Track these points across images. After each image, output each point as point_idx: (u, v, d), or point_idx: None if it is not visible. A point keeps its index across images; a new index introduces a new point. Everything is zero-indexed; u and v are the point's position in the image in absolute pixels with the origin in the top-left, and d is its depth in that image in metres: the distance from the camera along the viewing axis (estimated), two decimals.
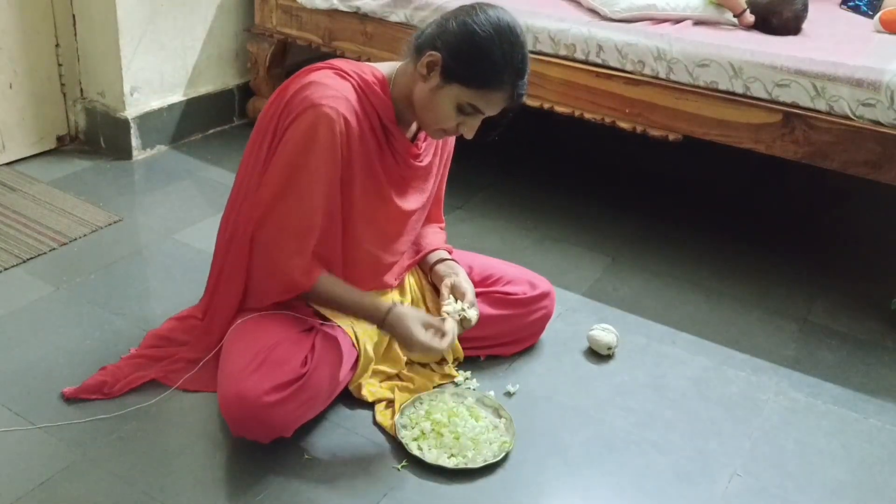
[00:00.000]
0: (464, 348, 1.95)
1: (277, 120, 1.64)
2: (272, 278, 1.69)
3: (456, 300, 1.78)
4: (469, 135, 1.65)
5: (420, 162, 1.78)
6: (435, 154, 1.83)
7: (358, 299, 1.71)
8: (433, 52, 1.57)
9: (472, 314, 1.76)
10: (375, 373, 1.85)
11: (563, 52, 2.50)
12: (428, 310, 1.92)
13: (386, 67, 1.71)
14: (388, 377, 1.88)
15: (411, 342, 1.67)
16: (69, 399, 1.75)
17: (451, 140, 1.89)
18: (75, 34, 2.87)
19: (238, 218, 1.74)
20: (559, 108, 2.55)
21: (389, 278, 1.86)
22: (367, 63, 1.72)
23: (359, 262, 1.76)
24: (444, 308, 1.76)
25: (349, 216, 1.70)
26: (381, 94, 1.66)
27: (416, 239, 1.95)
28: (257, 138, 1.71)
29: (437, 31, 1.59)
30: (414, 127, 1.76)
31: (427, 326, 1.68)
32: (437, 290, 1.88)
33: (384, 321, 1.68)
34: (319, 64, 1.69)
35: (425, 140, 1.79)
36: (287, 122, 1.61)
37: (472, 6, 1.59)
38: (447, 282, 1.83)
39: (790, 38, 2.52)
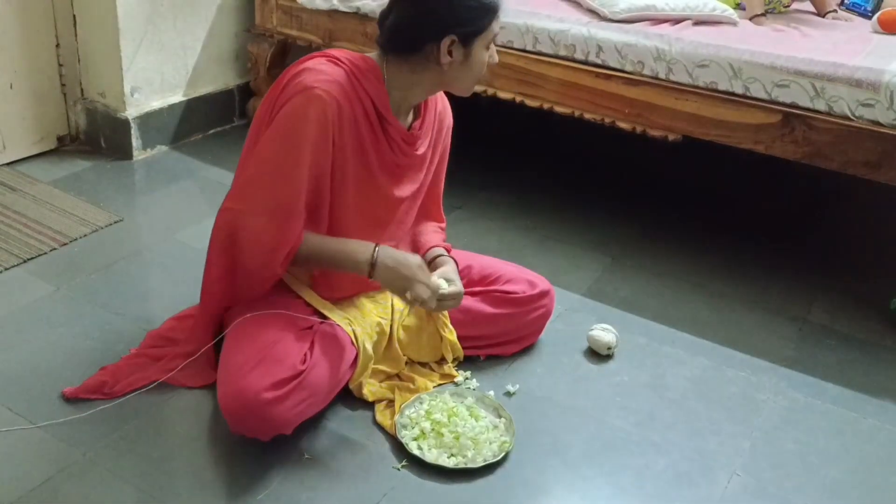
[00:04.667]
0: (464, 348, 1.95)
1: (271, 108, 1.66)
2: (253, 258, 1.69)
3: None
4: (496, 58, 1.74)
5: (416, 150, 1.79)
6: (430, 145, 1.84)
7: (341, 244, 1.72)
8: (446, 38, 1.62)
9: (442, 284, 1.76)
10: (375, 372, 1.85)
11: (563, 53, 2.50)
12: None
13: (377, 55, 1.73)
14: (388, 377, 1.88)
15: (406, 263, 1.69)
16: (69, 399, 1.75)
17: (448, 131, 1.90)
18: (75, 34, 2.87)
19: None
20: (559, 109, 2.55)
21: None
22: (360, 52, 1.74)
23: None
24: None
25: (340, 200, 1.71)
26: (374, 80, 1.68)
27: (414, 238, 1.95)
28: (254, 131, 1.72)
29: (428, 21, 1.63)
30: (410, 116, 1.77)
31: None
32: None
33: (376, 257, 1.68)
34: (314, 53, 1.71)
35: (421, 128, 1.80)
36: (280, 107, 1.63)
37: None
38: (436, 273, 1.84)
39: (790, 38, 2.53)
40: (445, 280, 1.79)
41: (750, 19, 2.66)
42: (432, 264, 1.90)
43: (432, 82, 1.71)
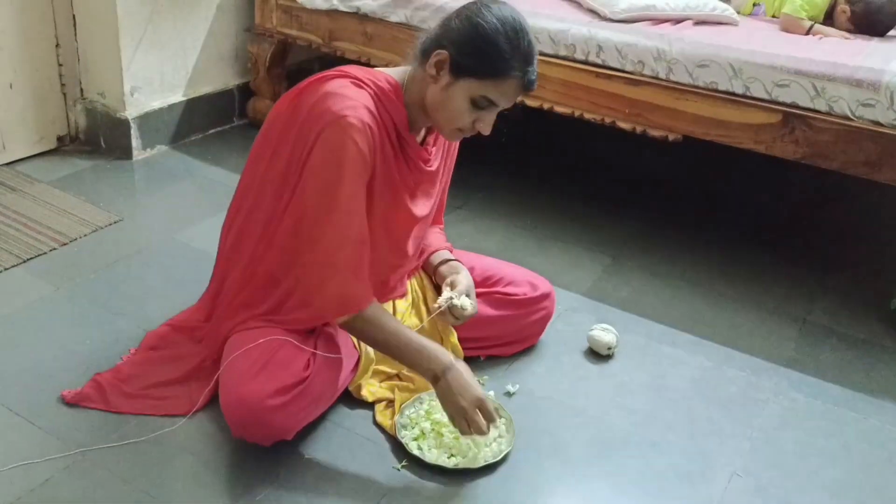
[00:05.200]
0: (464, 348, 1.94)
1: (298, 132, 1.61)
2: (324, 300, 1.61)
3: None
4: (486, 130, 1.63)
5: (429, 167, 1.78)
6: (441, 159, 1.83)
7: (417, 341, 1.63)
8: (440, 51, 1.57)
9: (464, 302, 1.76)
10: (375, 373, 1.85)
11: (563, 53, 2.50)
12: (427, 310, 1.92)
13: (398, 73, 1.70)
14: (388, 377, 1.88)
15: (469, 397, 1.60)
16: (68, 403, 1.75)
17: (455, 145, 1.89)
18: (75, 34, 2.87)
19: (245, 231, 1.73)
20: (559, 108, 2.55)
21: (396, 282, 1.86)
22: (380, 70, 1.71)
23: (371, 264, 1.75)
24: (434, 305, 1.77)
25: (369, 221, 1.68)
26: (395, 102, 1.64)
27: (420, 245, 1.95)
28: (268, 143, 1.68)
29: (441, 32, 1.60)
30: (423, 132, 1.76)
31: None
32: (439, 291, 1.88)
33: (445, 374, 1.60)
34: (332, 72, 1.65)
35: (434, 144, 1.79)
36: (311, 136, 1.58)
37: (474, 2, 1.59)
38: (448, 280, 1.84)
39: (790, 39, 2.53)
40: (468, 296, 1.80)
41: (806, 33, 2.64)
42: (440, 269, 1.91)
43: (424, 96, 1.63)
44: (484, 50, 1.54)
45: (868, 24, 2.67)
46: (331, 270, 1.59)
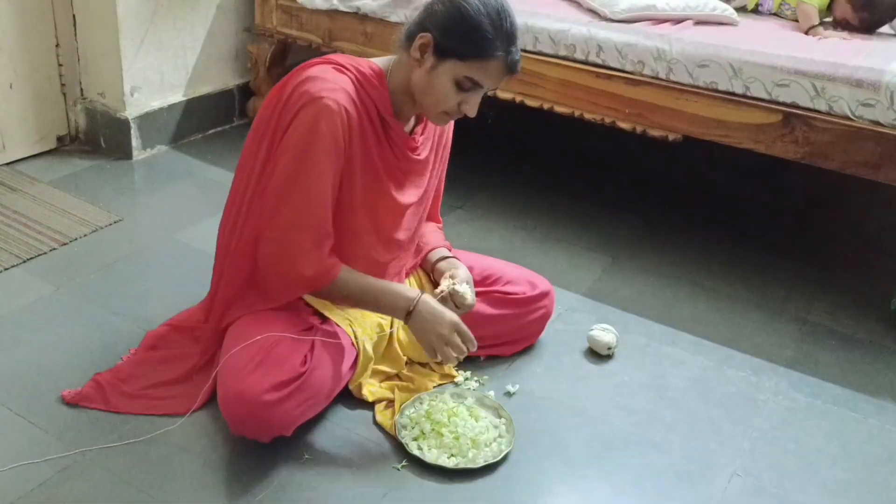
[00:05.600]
0: None
1: (278, 118, 1.64)
2: (287, 276, 1.66)
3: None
4: (472, 112, 1.65)
5: (418, 155, 1.78)
6: (432, 149, 1.83)
7: (384, 286, 1.71)
8: (424, 34, 1.58)
9: (465, 289, 1.76)
10: (375, 373, 1.85)
11: (562, 53, 2.50)
12: None
13: (383, 61, 1.71)
14: (388, 377, 1.88)
15: (444, 322, 1.66)
16: (68, 403, 1.75)
17: (449, 136, 1.89)
18: (75, 34, 2.87)
19: (238, 221, 1.73)
20: (559, 108, 2.55)
21: (393, 277, 1.86)
22: (364, 58, 1.73)
23: (359, 257, 1.75)
24: (436, 290, 1.78)
25: (350, 209, 1.70)
26: (378, 87, 1.66)
27: (415, 238, 1.95)
28: (255, 137, 1.70)
29: (424, 15, 1.62)
30: (412, 121, 1.77)
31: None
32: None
33: (415, 306, 1.66)
34: (316, 59, 1.69)
35: (423, 133, 1.79)
36: (288, 118, 1.61)
37: None
38: (447, 275, 1.84)
39: (790, 39, 2.53)
40: (471, 287, 1.81)
41: (806, 32, 2.64)
42: (438, 265, 1.91)
43: (410, 82, 1.65)
44: (467, 31, 1.55)
45: (867, 5, 2.65)
46: (289, 247, 1.63)
